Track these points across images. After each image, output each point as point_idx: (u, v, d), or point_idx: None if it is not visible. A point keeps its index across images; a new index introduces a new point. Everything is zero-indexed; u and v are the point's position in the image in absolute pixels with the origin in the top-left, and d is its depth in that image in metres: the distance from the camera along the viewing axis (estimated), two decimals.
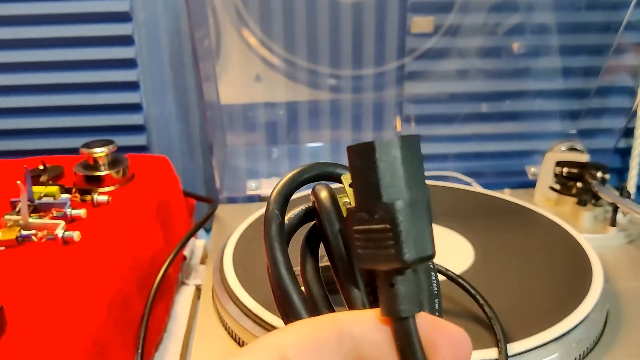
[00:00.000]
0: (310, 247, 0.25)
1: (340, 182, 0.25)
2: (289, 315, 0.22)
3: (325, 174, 0.26)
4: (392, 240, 0.18)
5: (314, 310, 0.23)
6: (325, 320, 0.19)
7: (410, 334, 0.18)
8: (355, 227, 0.19)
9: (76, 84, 0.67)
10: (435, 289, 0.24)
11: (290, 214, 0.25)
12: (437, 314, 0.23)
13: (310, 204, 0.25)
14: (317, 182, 0.25)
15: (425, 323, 0.19)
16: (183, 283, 0.56)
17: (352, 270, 0.22)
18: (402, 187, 0.18)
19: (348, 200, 0.24)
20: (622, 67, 0.71)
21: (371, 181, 0.18)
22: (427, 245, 0.18)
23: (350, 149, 0.19)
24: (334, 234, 0.23)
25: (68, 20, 0.64)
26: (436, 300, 0.24)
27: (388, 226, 0.18)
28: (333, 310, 0.23)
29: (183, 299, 0.54)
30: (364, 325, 0.19)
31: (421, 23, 0.66)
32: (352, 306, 0.22)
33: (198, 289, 0.55)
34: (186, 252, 0.59)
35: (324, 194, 0.23)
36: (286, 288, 0.22)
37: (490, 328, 0.38)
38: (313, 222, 0.25)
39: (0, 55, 0.65)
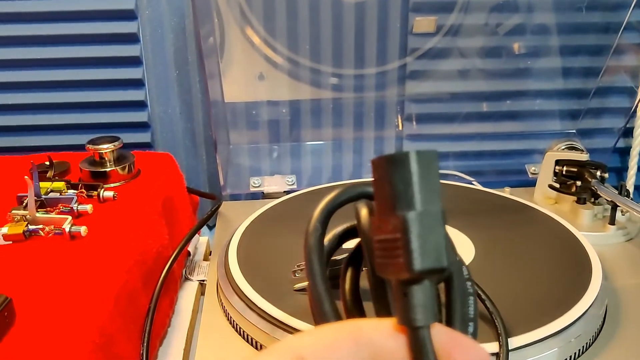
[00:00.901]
0: (353, 260, 0.26)
1: None
2: (319, 322, 0.23)
3: (366, 194, 0.26)
4: (402, 250, 0.18)
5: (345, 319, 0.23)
6: (345, 326, 0.20)
7: (424, 344, 0.19)
8: (375, 237, 0.20)
9: (81, 81, 0.67)
10: (472, 313, 0.24)
11: (334, 231, 0.27)
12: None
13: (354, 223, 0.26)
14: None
15: (443, 335, 0.19)
16: (187, 279, 0.57)
17: (382, 282, 0.23)
18: (415, 200, 0.18)
19: None
20: (622, 68, 0.71)
21: (387, 193, 0.19)
22: (439, 257, 0.18)
23: (372, 162, 0.20)
24: (369, 248, 0.23)
25: (74, 18, 0.65)
26: (470, 323, 0.24)
27: (399, 235, 0.18)
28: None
29: (187, 295, 0.55)
30: (382, 332, 0.19)
31: (423, 23, 0.67)
32: (379, 316, 0.23)
33: (201, 284, 0.56)
34: (190, 248, 0.59)
35: (363, 212, 0.24)
36: (319, 296, 0.23)
37: (491, 322, 0.39)
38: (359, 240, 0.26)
39: (6, 52, 0.65)
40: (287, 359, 0.19)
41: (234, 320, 0.44)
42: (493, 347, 0.37)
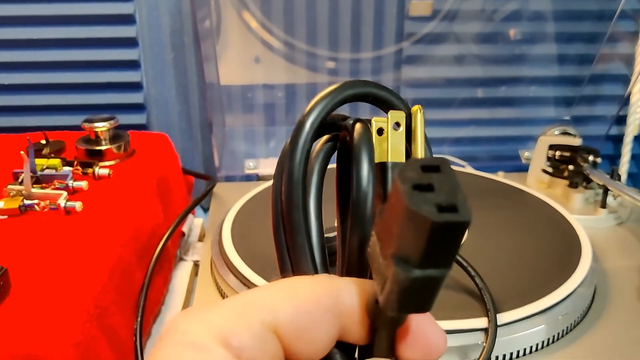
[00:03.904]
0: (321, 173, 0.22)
1: (385, 110, 0.23)
2: (294, 259, 0.22)
3: (370, 96, 0.23)
4: (387, 292, 0.17)
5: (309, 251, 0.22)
6: (321, 288, 0.18)
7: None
8: (375, 229, 0.18)
9: (77, 62, 0.67)
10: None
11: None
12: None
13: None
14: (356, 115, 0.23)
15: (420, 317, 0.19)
16: (181, 259, 0.57)
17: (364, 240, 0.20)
18: (416, 261, 0.15)
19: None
20: (616, 55, 0.72)
21: (394, 230, 0.16)
22: (423, 306, 0.17)
23: (395, 181, 0.16)
24: (363, 195, 0.20)
25: None
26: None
27: (388, 278, 0.16)
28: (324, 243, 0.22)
29: (181, 274, 0.55)
30: (358, 299, 0.18)
31: (419, 6, 0.67)
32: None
33: (196, 265, 0.56)
34: (185, 229, 0.60)
35: (364, 137, 0.21)
36: (301, 245, 0.21)
37: (481, 299, 0.39)
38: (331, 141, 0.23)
39: (2, 32, 0.65)
40: (255, 322, 0.17)
41: (227, 297, 0.44)
42: (482, 322, 0.38)
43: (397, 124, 0.22)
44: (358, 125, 0.22)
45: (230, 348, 0.17)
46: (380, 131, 0.22)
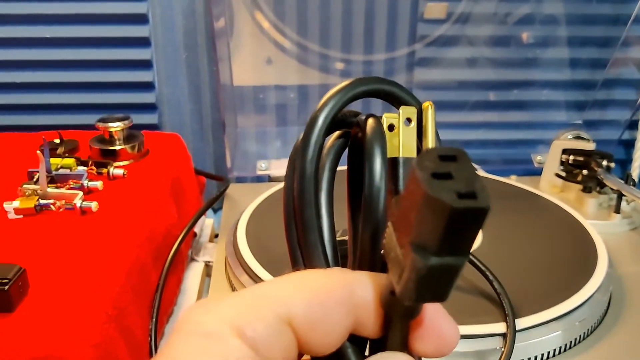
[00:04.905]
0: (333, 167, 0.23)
1: (396, 106, 0.23)
2: (305, 255, 0.22)
3: (381, 92, 0.23)
4: (403, 280, 0.16)
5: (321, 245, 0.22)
6: (334, 280, 0.18)
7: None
8: (391, 219, 0.18)
9: (90, 61, 0.67)
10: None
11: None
12: None
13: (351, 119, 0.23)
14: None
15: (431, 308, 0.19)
16: (192, 259, 0.57)
17: (376, 239, 0.20)
18: (434, 248, 0.15)
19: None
20: (629, 60, 0.72)
21: (412, 218, 0.16)
22: (440, 296, 0.17)
23: (413, 169, 0.16)
24: (376, 190, 0.20)
25: None
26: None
27: (406, 267, 0.16)
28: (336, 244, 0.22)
29: (192, 275, 0.55)
30: (372, 291, 0.18)
31: (434, 9, 0.67)
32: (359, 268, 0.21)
33: (207, 265, 0.56)
34: (196, 229, 0.60)
35: (377, 132, 0.21)
36: (308, 226, 0.21)
37: (498, 304, 0.39)
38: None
39: (16, 31, 0.65)
40: (269, 313, 0.17)
41: None
42: (500, 327, 0.38)
43: (409, 120, 0.22)
44: (370, 121, 0.21)
45: (245, 338, 0.17)
46: (391, 127, 0.22)
